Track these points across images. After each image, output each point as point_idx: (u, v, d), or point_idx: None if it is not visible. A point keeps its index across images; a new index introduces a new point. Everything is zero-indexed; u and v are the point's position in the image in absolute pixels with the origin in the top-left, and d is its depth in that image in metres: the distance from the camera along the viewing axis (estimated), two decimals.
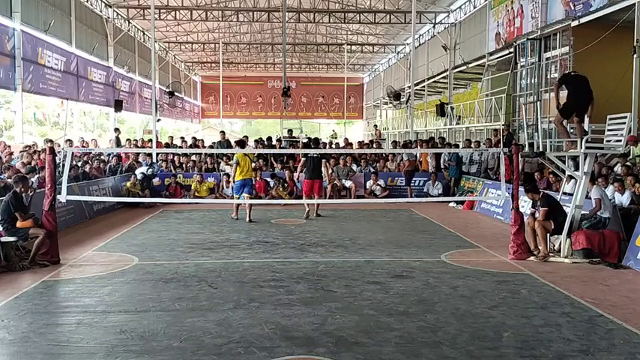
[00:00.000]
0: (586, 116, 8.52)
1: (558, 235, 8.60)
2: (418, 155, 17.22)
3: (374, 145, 22.14)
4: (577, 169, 8.71)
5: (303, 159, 13.26)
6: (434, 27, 30.08)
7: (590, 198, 8.67)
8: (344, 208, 14.30)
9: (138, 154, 16.95)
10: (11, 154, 13.57)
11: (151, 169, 15.92)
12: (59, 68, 20.68)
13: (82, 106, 25.56)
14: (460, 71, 26.95)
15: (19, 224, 7.95)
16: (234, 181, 12.27)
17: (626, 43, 13.51)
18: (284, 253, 8.89)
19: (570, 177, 9.51)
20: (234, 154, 13.26)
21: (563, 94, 8.67)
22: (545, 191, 9.78)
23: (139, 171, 15.46)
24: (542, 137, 9.11)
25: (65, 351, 4.76)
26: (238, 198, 12.02)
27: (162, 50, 37.86)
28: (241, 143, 13.45)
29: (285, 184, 15.38)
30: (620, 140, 8.45)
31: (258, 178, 15.01)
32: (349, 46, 38.15)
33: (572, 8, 16.06)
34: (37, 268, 7.70)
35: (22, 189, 8.21)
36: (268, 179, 15.74)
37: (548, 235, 8.59)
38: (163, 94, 30.04)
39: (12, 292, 6.54)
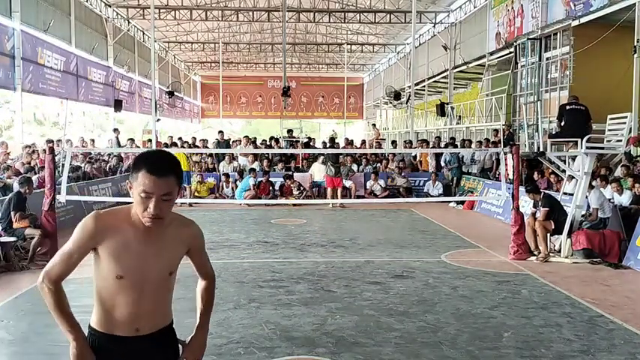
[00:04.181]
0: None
1: (559, 235, 8.59)
2: (418, 155, 17.20)
3: (373, 145, 22.12)
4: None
5: (322, 157, 15.21)
6: (434, 27, 30.04)
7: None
8: (344, 208, 14.29)
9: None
10: (8, 153, 13.54)
11: None
12: (59, 68, 20.64)
13: (82, 106, 25.51)
14: (460, 71, 26.90)
15: (14, 224, 7.94)
16: None
17: (627, 43, 13.48)
18: (284, 253, 8.89)
19: (571, 177, 9.50)
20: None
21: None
22: (546, 191, 9.77)
23: None
24: (542, 137, 9.11)
25: (65, 351, 4.65)
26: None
27: (162, 50, 37.80)
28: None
29: (302, 187, 15.39)
30: (621, 140, 8.45)
31: (264, 180, 15.33)
32: (349, 46, 38.06)
33: (573, 8, 16.04)
34: (37, 268, 7.69)
35: (27, 190, 8.22)
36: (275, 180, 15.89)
37: (548, 235, 8.58)
38: (163, 93, 30.04)
39: (12, 292, 6.52)
